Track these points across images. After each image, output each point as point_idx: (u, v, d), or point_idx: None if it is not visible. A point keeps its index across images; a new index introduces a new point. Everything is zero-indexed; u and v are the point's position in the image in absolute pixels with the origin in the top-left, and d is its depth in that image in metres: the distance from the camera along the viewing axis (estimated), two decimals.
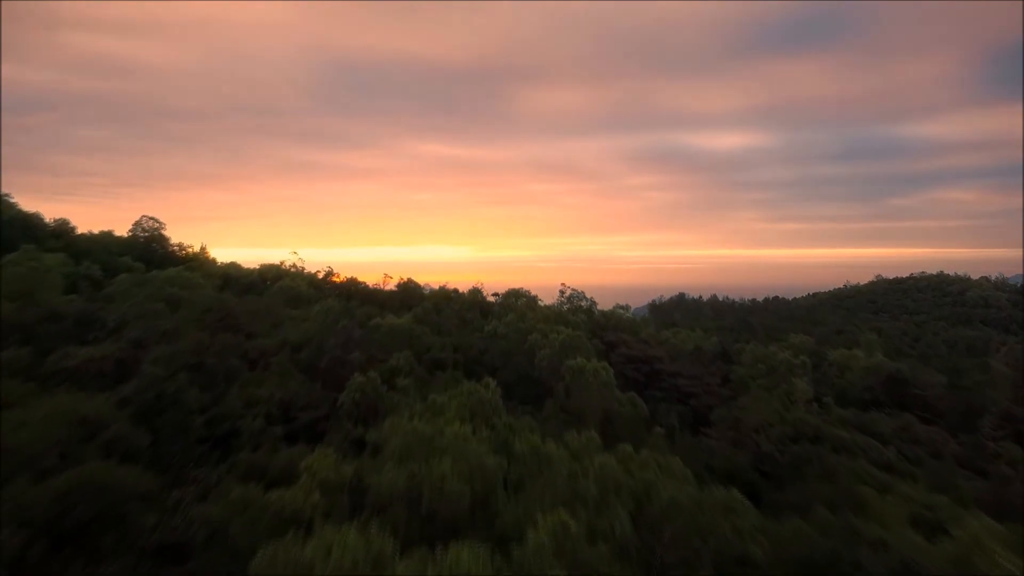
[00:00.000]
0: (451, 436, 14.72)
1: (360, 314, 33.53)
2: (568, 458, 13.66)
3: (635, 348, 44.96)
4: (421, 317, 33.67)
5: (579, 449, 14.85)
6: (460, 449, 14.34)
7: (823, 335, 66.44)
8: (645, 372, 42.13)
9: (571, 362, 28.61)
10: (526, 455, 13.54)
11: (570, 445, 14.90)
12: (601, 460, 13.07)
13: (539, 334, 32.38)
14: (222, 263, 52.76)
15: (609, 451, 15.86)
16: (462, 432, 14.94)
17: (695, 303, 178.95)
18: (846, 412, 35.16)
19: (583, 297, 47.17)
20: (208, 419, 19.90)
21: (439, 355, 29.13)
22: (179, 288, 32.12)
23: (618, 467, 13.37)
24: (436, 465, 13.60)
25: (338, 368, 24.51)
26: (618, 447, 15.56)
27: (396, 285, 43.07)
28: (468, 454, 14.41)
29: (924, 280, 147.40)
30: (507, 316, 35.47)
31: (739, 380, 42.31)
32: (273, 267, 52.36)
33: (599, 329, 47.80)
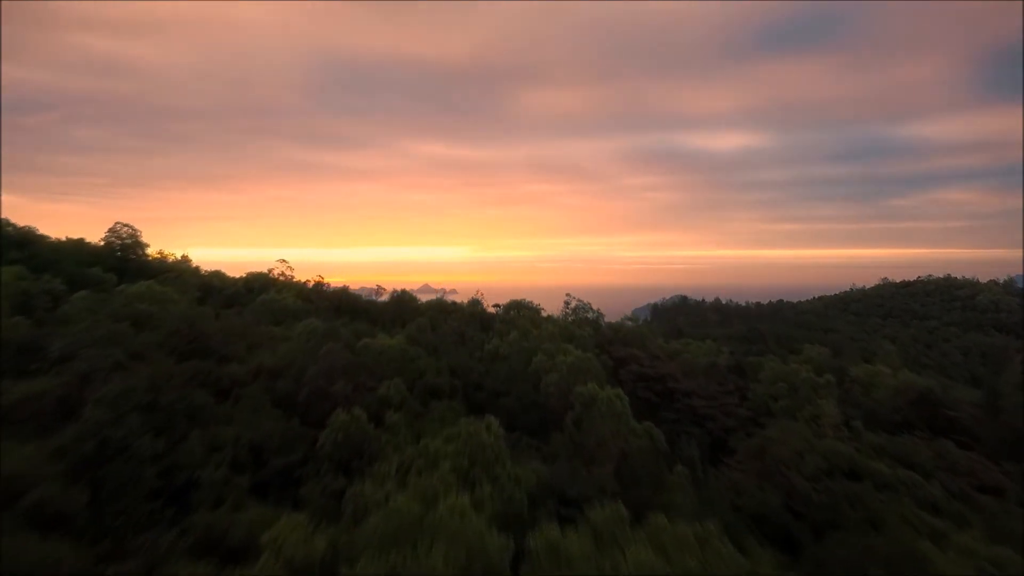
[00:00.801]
0: (445, 511, 11.87)
1: (348, 332, 30.63)
2: (592, 547, 10.79)
3: (647, 365, 42.06)
4: (415, 336, 30.78)
5: (603, 525, 12.01)
6: (456, 530, 11.49)
7: (837, 344, 63.61)
8: (658, 391, 39.26)
9: (581, 389, 25.71)
10: (541, 553, 10.65)
11: (593, 520, 12.06)
12: (634, 556, 10.21)
13: (545, 355, 29.48)
14: (206, 271, 49.89)
15: (638, 524, 13.06)
16: (459, 505, 12.08)
17: (698, 306, 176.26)
18: (879, 438, 32.28)
19: (589, 308, 44.28)
20: (163, 469, 16.97)
21: (435, 381, 26.21)
22: (149, 304, 29.20)
23: (655, 559, 10.55)
24: (425, 556, 10.75)
25: (319, 401, 21.58)
26: (650, 520, 12.74)
27: (390, 296, 40.06)
28: (466, 534, 11.56)
29: (932, 284, 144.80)
30: (509, 334, 32.57)
31: (758, 399, 39.45)
32: (260, 276, 49.40)
33: (607, 343, 44.98)
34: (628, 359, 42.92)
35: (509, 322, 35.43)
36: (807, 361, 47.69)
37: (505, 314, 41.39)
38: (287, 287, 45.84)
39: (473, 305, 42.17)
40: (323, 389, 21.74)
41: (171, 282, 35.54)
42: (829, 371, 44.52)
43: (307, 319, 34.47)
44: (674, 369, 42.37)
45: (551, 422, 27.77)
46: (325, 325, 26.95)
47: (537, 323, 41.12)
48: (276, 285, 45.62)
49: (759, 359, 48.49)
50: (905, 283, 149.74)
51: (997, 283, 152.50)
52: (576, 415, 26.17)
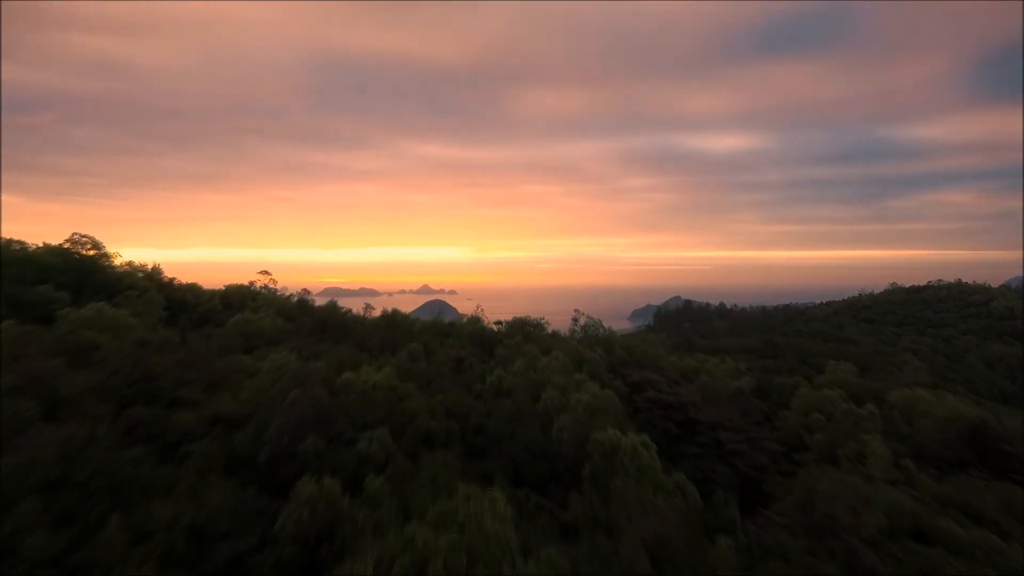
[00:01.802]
0: None
1: (331, 361, 26.62)
2: None
3: (665, 391, 38.02)
4: (406, 366, 26.79)
5: None
6: None
7: (861, 359, 59.64)
8: (679, 421, 35.23)
9: (600, 435, 21.72)
10: None
11: None
12: None
13: (555, 390, 25.47)
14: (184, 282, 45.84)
15: None
16: None
17: (702, 311, 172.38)
18: (939, 484, 28.33)
19: (599, 325, 40.28)
20: (65, 573, 12.97)
21: (428, 425, 22.18)
22: (97, 332, 25.13)
23: None
24: None
25: (284, 462, 17.55)
26: None
27: (381, 315, 36.06)
28: None
29: (944, 289, 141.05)
30: (514, 363, 28.54)
31: (789, 429, 35.49)
32: (240, 289, 45.32)
33: (620, 365, 41.02)
34: (644, 384, 38.88)
35: (514, 348, 31.37)
36: (837, 383, 43.81)
37: (509, 334, 37.40)
38: (268, 302, 41.79)
39: (473, 323, 38.15)
40: (288, 449, 17.70)
41: (132, 302, 31.47)
42: (863, 395, 40.67)
43: (285, 344, 30.44)
44: (695, 395, 38.38)
45: (564, 474, 23.83)
46: (298, 363, 22.85)
47: (545, 345, 37.11)
48: (257, 300, 41.57)
49: (784, 380, 44.58)
50: (915, 288, 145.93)
51: (1009, 288, 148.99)
52: (594, 467, 22.24)
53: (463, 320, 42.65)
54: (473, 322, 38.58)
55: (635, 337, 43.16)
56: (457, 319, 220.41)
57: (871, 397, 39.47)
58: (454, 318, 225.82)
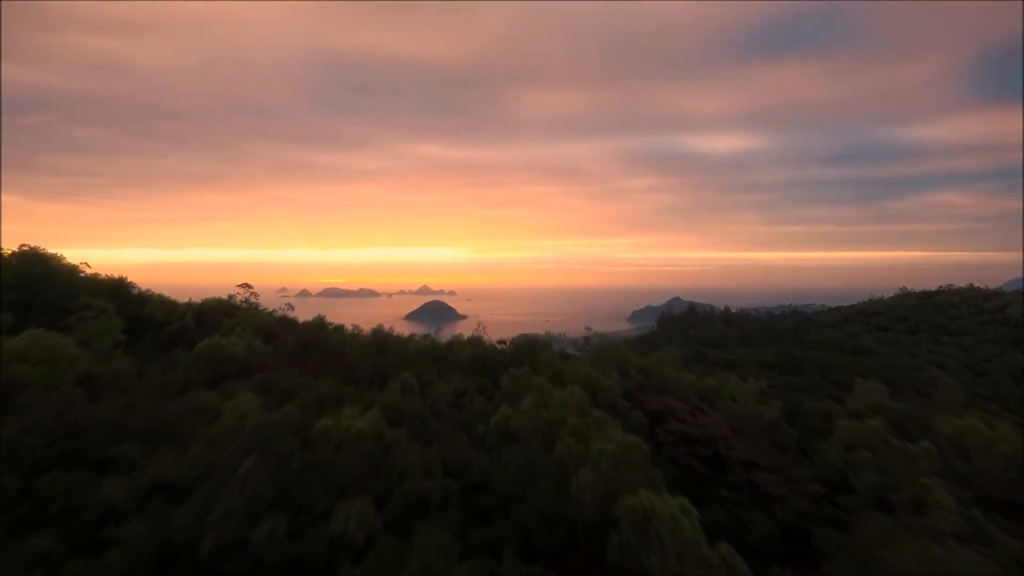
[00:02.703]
0: None
1: (306, 401, 22.69)
2: None
3: (689, 421, 34.03)
4: (397, 405, 22.86)
5: None
6: None
7: (887, 374, 55.68)
8: (706, 458, 31.28)
9: (630, 500, 17.84)
10: None
11: None
12: None
13: (572, 436, 21.53)
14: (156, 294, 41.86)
15: None
16: None
17: (707, 316, 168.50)
18: (1019, 543, 24.45)
19: (610, 341, 36.29)
20: None
21: (421, 487, 18.23)
22: (32, 366, 21.19)
23: None
24: None
25: (232, 556, 13.63)
26: None
27: (371, 335, 32.09)
28: None
29: (956, 294, 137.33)
30: (523, 398, 24.59)
31: (828, 466, 31.57)
32: (218, 304, 41.31)
33: (637, 391, 37.09)
34: (665, 413, 34.89)
35: (521, 379, 27.38)
36: (872, 407, 39.96)
37: (515, 357, 33.41)
38: (248, 318, 37.80)
39: (473, 344, 34.19)
40: (238, 535, 13.76)
41: (84, 325, 27.49)
42: (905, 423, 36.81)
43: (260, 375, 26.47)
44: (722, 425, 34.41)
45: (586, 541, 19.95)
46: (264, 409, 18.85)
47: (555, 368, 33.21)
48: (235, 317, 37.58)
49: (813, 405, 40.66)
50: (926, 293, 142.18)
51: (1002, 291, 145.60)
52: (623, 539, 18.38)
53: (462, 338, 38.73)
54: (474, 343, 34.65)
55: (652, 358, 39.24)
56: (455, 322, 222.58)
57: (915, 425, 35.59)
58: (453, 319, 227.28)
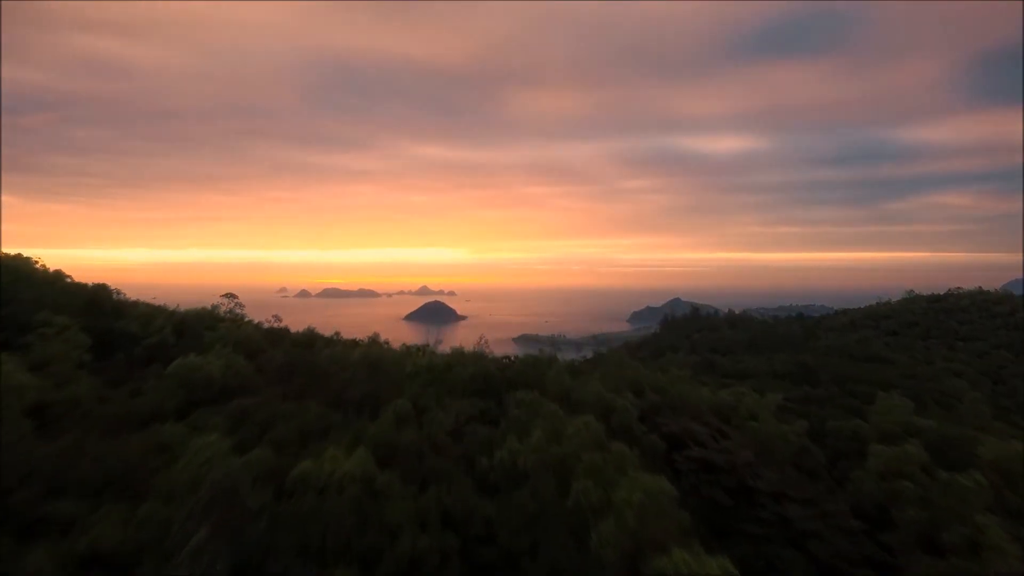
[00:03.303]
0: None
1: (284, 436, 19.94)
2: None
3: (711, 446, 31.18)
4: (389, 440, 20.08)
5: None
6: None
7: (909, 386, 53.00)
8: (730, 488, 28.57)
9: (664, 563, 15.14)
10: None
11: None
12: None
13: (590, 478, 18.77)
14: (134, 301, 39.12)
15: None
16: None
17: (711, 319, 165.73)
18: None
19: (623, 358, 33.53)
20: None
21: (415, 546, 15.49)
22: None
23: None
24: None
25: None
26: None
27: (363, 355, 29.18)
28: None
29: (965, 297, 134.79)
30: (531, 430, 21.83)
31: (866, 498, 28.81)
32: (202, 315, 38.54)
33: (652, 411, 34.31)
34: (683, 436, 32.09)
35: (530, 406, 24.61)
36: (903, 426, 37.19)
37: (521, 375, 30.67)
38: (232, 331, 35.03)
39: (476, 361, 31.33)
40: None
41: (43, 344, 24.69)
42: (943, 446, 34.06)
43: (240, 399, 23.67)
44: (746, 450, 31.61)
45: None
46: (231, 458, 16.05)
47: (562, 386, 30.47)
48: (217, 330, 34.81)
49: (841, 424, 37.82)
50: (935, 297, 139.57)
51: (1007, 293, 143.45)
52: None
53: (463, 352, 35.94)
54: (476, 359, 31.84)
55: (668, 375, 36.49)
56: (455, 322, 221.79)
57: (955, 449, 32.81)
58: (453, 320, 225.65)
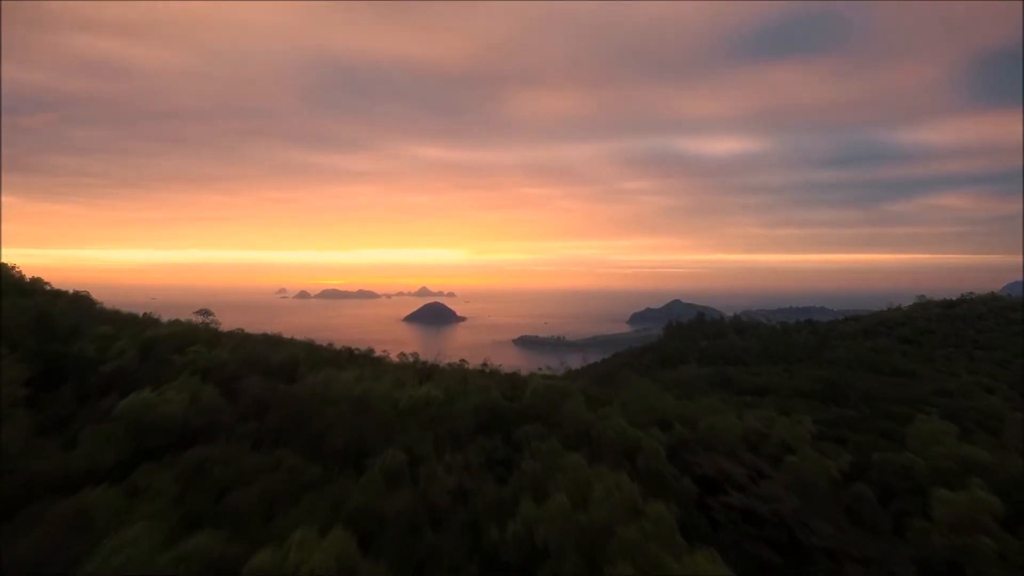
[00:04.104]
0: None
1: (240, 511, 15.99)
2: None
3: (750, 490, 27.11)
4: (377, 506, 16.19)
5: None
6: None
7: (944, 405, 49.23)
8: (778, 543, 24.62)
9: None
10: None
11: None
12: None
13: (625, 559, 14.86)
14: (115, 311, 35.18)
15: None
16: None
17: (718, 324, 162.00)
18: None
19: (654, 390, 29.63)
20: None
21: None
22: None
23: None
24: None
25: None
26: None
27: (348, 388, 25.15)
28: None
29: (980, 303, 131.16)
30: (550, 491, 17.89)
31: (934, 553, 24.87)
32: (175, 331, 34.57)
33: (681, 447, 30.36)
34: (718, 478, 28.09)
35: (548, 456, 20.63)
36: (954, 458, 33.33)
37: (531, 413, 26.71)
38: (204, 353, 31.08)
39: (482, 395, 27.30)
40: None
41: None
42: (1008, 487, 30.24)
43: (191, 454, 19.67)
44: (790, 495, 27.68)
45: None
46: (160, 552, 12.08)
47: (581, 420, 26.56)
48: (188, 353, 30.87)
49: (890, 459, 33.78)
50: (948, 303, 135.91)
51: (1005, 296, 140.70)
52: None
53: (466, 372, 31.99)
54: (481, 391, 27.89)
55: (698, 405, 32.58)
56: (454, 323, 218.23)
57: (1020, 490, 28.96)
58: (452, 321, 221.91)
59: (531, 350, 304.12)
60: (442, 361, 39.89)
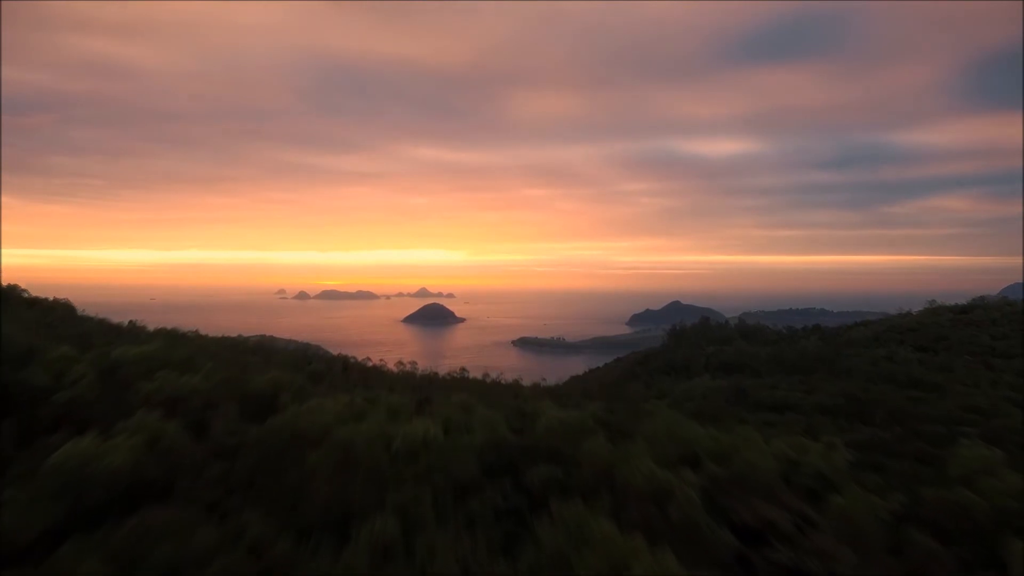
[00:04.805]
0: None
1: None
2: None
3: (798, 544, 23.76)
4: None
5: None
6: None
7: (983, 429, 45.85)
8: None
9: None
10: None
11: None
12: None
13: None
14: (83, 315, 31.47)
15: None
16: None
17: (723, 329, 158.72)
18: None
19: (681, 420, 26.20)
20: None
21: None
22: None
23: None
24: None
25: None
26: None
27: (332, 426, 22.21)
28: None
29: (994, 309, 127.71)
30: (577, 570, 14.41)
31: None
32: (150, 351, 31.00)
33: (716, 491, 27.02)
34: (762, 529, 24.70)
35: (572, 525, 17.21)
36: None
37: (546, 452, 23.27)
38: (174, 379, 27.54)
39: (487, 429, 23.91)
40: None
41: None
42: None
43: (137, 518, 16.02)
44: (843, 549, 24.37)
45: None
46: None
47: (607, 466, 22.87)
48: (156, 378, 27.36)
49: (944, 497, 30.56)
50: (961, 308, 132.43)
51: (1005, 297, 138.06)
52: None
53: (470, 420, 28.23)
54: (487, 426, 24.45)
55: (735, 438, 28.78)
56: (454, 324, 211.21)
57: None
58: (452, 322, 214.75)
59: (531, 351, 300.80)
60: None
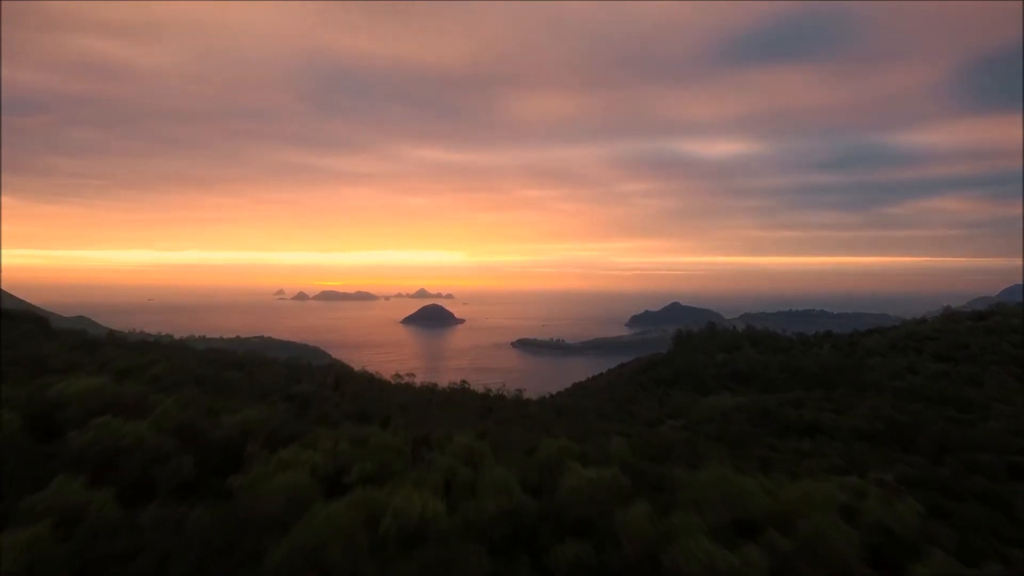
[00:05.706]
0: None
1: None
2: None
3: None
4: None
5: None
6: None
7: None
8: None
9: None
10: None
11: None
12: None
13: None
14: None
15: None
16: None
17: (730, 334, 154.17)
18: None
19: (727, 475, 21.60)
20: None
21: None
22: None
23: None
24: None
25: None
26: None
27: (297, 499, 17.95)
28: None
29: (1013, 316, 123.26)
30: None
31: None
32: (95, 387, 26.24)
33: (783, 570, 22.52)
34: None
35: None
36: None
37: (574, 524, 18.67)
38: (116, 426, 22.82)
39: (500, 492, 19.47)
40: None
41: None
42: None
43: None
44: None
45: None
46: None
47: (652, 542, 18.07)
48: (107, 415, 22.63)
49: None
50: (978, 315, 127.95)
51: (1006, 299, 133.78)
52: None
53: (478, 486, 23.29)
54: (499, 487, 20.01)
55: (786, 491, 24.00)
56: (453, 325, 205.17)
57: None
58: (451, 322, 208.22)
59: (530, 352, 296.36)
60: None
